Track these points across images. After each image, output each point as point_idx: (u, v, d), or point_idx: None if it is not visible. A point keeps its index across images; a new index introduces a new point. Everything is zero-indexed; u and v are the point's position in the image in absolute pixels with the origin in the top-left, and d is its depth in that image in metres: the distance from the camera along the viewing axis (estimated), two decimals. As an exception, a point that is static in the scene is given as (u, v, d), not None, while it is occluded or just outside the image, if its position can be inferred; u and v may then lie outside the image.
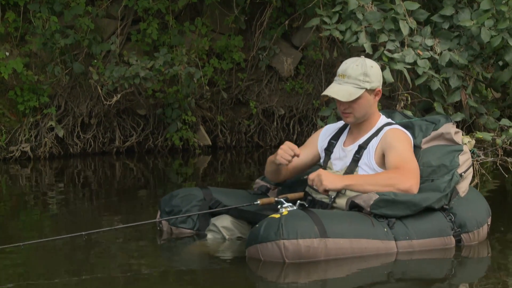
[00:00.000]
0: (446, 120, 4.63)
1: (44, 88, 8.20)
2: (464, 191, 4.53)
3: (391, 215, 4.28)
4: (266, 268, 4.11)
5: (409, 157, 4.38)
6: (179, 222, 4.69)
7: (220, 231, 4.62)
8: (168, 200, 4.73)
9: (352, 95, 4.42)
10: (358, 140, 4.53)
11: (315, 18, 5.81)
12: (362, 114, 4.48)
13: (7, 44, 8.29)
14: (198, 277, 4.12)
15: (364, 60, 4.50)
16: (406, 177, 4.30)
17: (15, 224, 5.55)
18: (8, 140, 8.27)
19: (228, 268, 4.26)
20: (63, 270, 4.20)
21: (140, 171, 8.08)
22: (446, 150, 4.51)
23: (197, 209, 4.65)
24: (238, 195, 4.76)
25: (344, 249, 4.15)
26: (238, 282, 4.04)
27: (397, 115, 4.73)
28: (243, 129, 9.17)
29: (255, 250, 4.12)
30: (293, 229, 4.04)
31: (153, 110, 8.72)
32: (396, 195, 4.28)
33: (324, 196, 4.45)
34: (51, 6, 8.07)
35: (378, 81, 4.48)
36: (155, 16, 8.59)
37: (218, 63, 8.86)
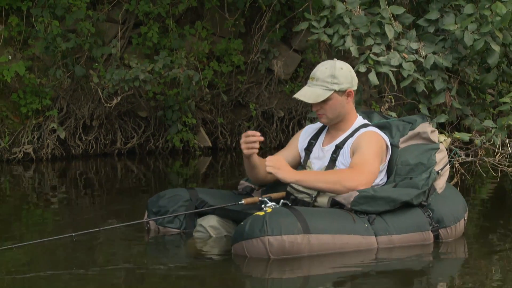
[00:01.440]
0: (423, 120, 4.76)
1: (46, 91, 8.36)
2: (441, 187, 4.66)
3: (371, 211, 4.41)
4: (252, 265, 4.22)
5: (370, 159, 4.50)
6: (166, 222, 4.80)
7: (207, 231, 4.74)
8: (155, 200, 4.84)
9: (319, 96, 4.55)
10: (335, 140, 4.67)
11: (303, 22, 5.93)
12: (334, 114, 4.61)
13: (10, 48, 8.44)
14: (185, 274, 4.21)
15: (334, 63, 4.63)
16: (355, 176, 4.43)
17: (17, 224, 5.65)
18: (11, 142, 8.41)
19: (214, 265, 4.36)
20: (50, 270, 4.30)
21: (141, 172, 8.19)
22: (423, 149, 4.63)
23: (183, 209, 4.76)
24: (223, 195, 4.87)
25: (327, 244, 4.27)
26: (224, 278, 4.14)
27: (375, 116, 4.86)
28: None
29: (240, 247, 4.25)
30: (277, 226, 4.16)
31: (154, 112, 8.87)
32: (375, 191, 4.42)
33: (305, 196, 4.58)
34: (53, 10, 8.20)
35: (348, 83, 4.60)
36: (156, 20, 8.73)
37: (218, 66, 9.00)
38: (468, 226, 4.95)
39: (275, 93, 9.18)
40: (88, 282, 4.03)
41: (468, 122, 5.82)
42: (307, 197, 4.57)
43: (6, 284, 4.01)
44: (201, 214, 4.82)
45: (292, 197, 4.63)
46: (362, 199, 4.39)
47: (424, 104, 5.64)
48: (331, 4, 5.79)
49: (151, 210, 4.83)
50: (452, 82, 5.78)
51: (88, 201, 6.62)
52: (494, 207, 6.02)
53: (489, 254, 4.65)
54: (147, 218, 4.84)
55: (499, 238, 4.98)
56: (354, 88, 4.63)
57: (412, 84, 5.61)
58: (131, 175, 8.03)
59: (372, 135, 4.60)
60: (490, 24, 5.50)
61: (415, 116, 4.81)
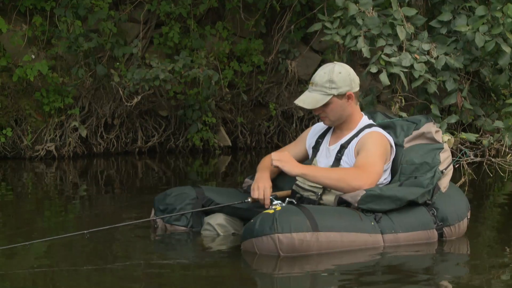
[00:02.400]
0: (427, 120, 4.80)
1: (68, 90, 8.50)
2: (445, 187, 4.71)
3: (378, 209, 4.47)
4: (260, 262, 4.27)
5: (374, 160, 4.56)
6: (173, 220, 4.86)
7: (215, 229, 4.82)
8: (162, 198, 4.89)
9: (318, 102, 4.62)
10: (340, 139, 4.73)
11: (317, 23, 5.99)
12: (336, 117, 4.68)
13: (34, 47, 8.59)
14: (193, 272, 4.25)
15: (333, 67, 4.68)
16: (360, 175, 4.49)
17: (39, 219, 5.73)
18: (34, 140, 8.57)
19: (222, 262, 4.41)
20: (61, 265, 4.41)
21: (161, 170, 8.27)
22: (427, 149, 4.68)
23: (190, 207, 4.81)
24: (229, 194, 4.91)
25: (335, 242, 4.34)
26: (232, 276, 4.18)
27: (378, 115, 4.91)
28: (263, 130, 9.38)
29: (250, 244, 4.31)
30: (287, 223, 4.22)
31: (174, 112, 8.98)
32: (382, 190, 4.48)
33: (311, 194, 4.65)
34: (75, 10, 8.33)
35: (347, 86, 4.65)
36: (177, 20, 8.84)
37: (238, 66, 9.09)
38: (473, 225, 5.00)
39: (295, 93, 9.24)
40: (94, 280, 4.08)
41: (480, 122, 5.85)
42: (312, 195, 4.64)
43: (27, 277, 4.12)
44: (207, 212, 4.89)
45: (298, 195, 4.69)
46: (369, 198, 4.45)
47: (435, 105, 5.68)
48: (344, 6, 5.84)
49: (158, 208, 4.89)
50: (463, 83, 5.81)
51: (108, 199, 6.70)
52: (499, 207, 6.05)
53: (493, 253, 4.71)
54: (154, 216, 4.91)
55: (503, 237, 5.03)
56: (354, 90, 4.68)
57: (423, 84, 5.65)
58: (151, 174, 8.10)
59: (377, 135, 4.65)
60: (501, 25, 5.53)
61: (419, 116, 4.85)
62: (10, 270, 4.18)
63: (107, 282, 4.04)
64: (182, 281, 4.09)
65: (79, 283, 4.00)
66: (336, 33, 5.83)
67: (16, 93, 8.55)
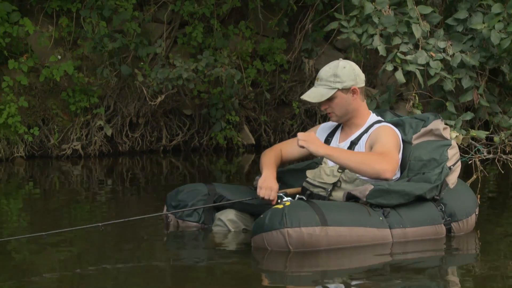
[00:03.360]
0: (435, 117, 4.85)
1: (94, 90, 8.64)
2: (453, 183, 4.75)
3: (386, 204, 4.52)
4: (270, 258, 4.32)
5: (391, 149, 4.61)
6: (185, 216, 4.94)
7: (226, 225, 4.89)
8: (174, 195, 4.98)
9: (323, 96, 4.69)
10: (350, 136, 4.79)
11: (334, 22, 6.06)
12: (342, 112, 4.73)
13: (60, 48, 8.74)
14: (203, 267, 4.33)
15: (338, 62, 4.77)
16: (383, 160, 4.52)
17: (66, 216, 5.84)
18: (60, 139, 8.73)
19: (232, 257, 4.47)
20: (78, 259, 4.53)
21: (186, 169, 8.37)
22: (435, 145, 4.72)
23: (202, 203, 4.89)
24: (240, 190, 4.99)
25: (344, 236, 4.39)
26: (242, 271, 4.24)
27: (387, 114, 4.96)
28: (286, 128, 9.46)
29: (260, 238, 4.37)
30: (296, 218, 4.28)
31: (198, 110, 9.09)
32: (390, 185, 4.53)
33: (321, 190, 4.71)
34: (100, 11, 8.46)
35: (351, 80, 4.71)
36: (201, 20, 8.95)
37: (261, 64, 9.17)
38: (482, 220, 5.04)
39: (318, 92, 9.28)
40: (102, 276, 4.17)
41: (497, 119, 5.87)
42: (322, 191, 4.71)
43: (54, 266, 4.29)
44: (219, 209, 4.97)
45: (308, 192, 4.76)
46: (377, 192, 4.50)
47: (451, 102, 5.72)
48: (360, 4, 5.90)
49: (170, 204, 4.97)
50: (480, 80, 5.84)
51: (133, 197, 6.79)
52: (509, 203, 6.07)
53: (502, 248, 4.73)
54: (166, 211, 4.99)
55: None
56: (359, 85, 4.74)
57: (439, 82, 5.69)
58: (176, 172, 8.21)
59: (388, 128, 4.72)
60: (517, 23, 5.56)
61: (428, 114, 4.90)
62: (35, 268, 4.30)
63: (118, 277, 4.14)
64: (190, 277, 4.15)
65: (94, 279, 4.10)
66: (352, 32, 5.88)
67: (43, 93, 8.71)
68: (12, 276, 4.09)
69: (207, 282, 4.06)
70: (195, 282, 4.06)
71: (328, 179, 4.70)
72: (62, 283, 4.00)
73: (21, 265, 4.33)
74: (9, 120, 8.32)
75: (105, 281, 4.02)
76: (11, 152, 8.49)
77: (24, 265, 4.34)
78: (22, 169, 8.19)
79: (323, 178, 4.72)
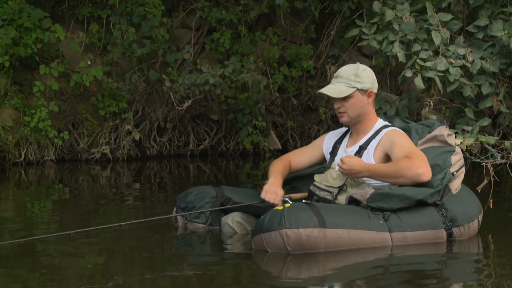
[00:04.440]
0: (440, 123, 4.91)
1: (123, 95, 8.79)
2: (456, 188, 4.80)
3: (386, 207, 4.57)
4: (270, 260, 4.41)
5: (414, 149, 4.68)
6: (193, 218, 5.05)
7: (232, 227, 4.99)
8: (183, 197, 5.09)
9: (343, 92, 4.77)
10: (358, 141, 4.86)
11: (354, 28, 6.12)
12: (355, 113, 4.80)
13: (91, 53, 8.90)
14: (206, 268, 4.42)
15: (358, 65, 4.87)
16: (415, 164, 4.58)
17: (95, 217, 5.96)
18: (90, 143, 8.89)
19: (235, 259, 4.57)
20: (91, 256, 4.68)
21: (212, 173, 8.47)
22: (439, 151, 4.78)
23: (209, 205, 5.00)
24: (248, 193, 5.09)
25: (342, 239, 4.45)
26: (243, 272, 4.35)
27: (396, 121, 5.02)
28: (313, 134, 9.52)
29: (259, 239, 4.47)
30: (295, 219, 4.36)
31: (225, 115, 9.20)
32: (391, 189, 4.59)
33: (327, 193, 4.79)
34: (130, 18, 8.60)
35: (370, 83, 4.81)
36: (228, 26, 9.06)
37: (288, 70, 9.26)
38: (486, 226, 5.05)
39: (344, 97, 9.33)
40: (109, 272, 4.34)
41: (517, 125, 5.90)
42: (328, 195, 4.78)
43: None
44: (226, 211, 5.06)
45: (315, 197, 4.84)
46: (378, 196, 4.57)
47: (470, 108, 5.76)
48: (381, 11, 5.96)
49: (179, 206, 5.09)
50: (500, 87, 5.86)
51: (160, 200, 6.89)
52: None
53: (504, 254, 4.75)
54: (175, 213, 5.10)
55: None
56: (375, 90, 4.83)
57: (459, 88, 5.73)
58: (203, 176, 8.31)
59: (399, 132, 4.80)
60: (536, 30, 5.58)
61: (434, 120, 4.98)
62: (67, 265, 4.45)
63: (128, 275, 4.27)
64: (192, 277, 4.24)
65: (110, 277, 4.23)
66: (373, 38, 5.94)
67: (73, 98, 8.87)
68: (41, 275, 4.22)
69: (204, 283, 4.14)
70: (193, 282, 4.15)
71: (335, 182, 4.77)
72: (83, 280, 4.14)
73: (48, 265, 4.46)
74: (40, 124, 8.48)
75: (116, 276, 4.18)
76: (41, 156, 8.65)
77: (51, 264, 4.48)
78: (52, 172, 8.35)
79: (329, 181, 4.79)
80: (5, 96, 8.51)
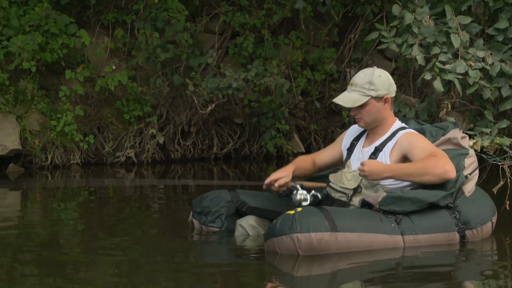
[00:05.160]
0: (454, 126, 4.93)
1: (147, 99, 8.89)
2: (470, 191, 4.82)
3: (399, 211, 4.61)
4: (282, 262, 4.47)
5: (434, 148, 4.70)
6: (209, 222, 5.10)
7: (246, 230, 5.04)
8: (199, 201, 5.16)
9: (356, 101, 4.79)
10: (374, 142, 4.89)
11: (374, 32, 6.16)
12: (371, 119, 4.83)
13: (116, 58, 9.01)
14: (220, 269, 4.50)
15: (373, 70, 4.86)
16: (441, 162, 4.60)
17: (120, 220, 6.03)
18: (115, 146, 8.99)
19: (249, 261, 4.63)
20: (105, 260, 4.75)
21: (236, 176, 8.52)
22: (453, 154, 4.79)
23: (225, 210, 5.06)
24: (263, 197, 5.14)
25: (354, 242, 4.50)
26: (257, 274, 4.43)
27: (411, 123, 5.05)
28: (336, 137, 9.46)
29: (272, 243, 4.53)
30: (306, 224, 4.43)
31: (249, 119, 9.27)
32: (403, 192, 4.63)
33: (341, 195, 4.83)
34: (154, 23, 8.69)
35: (385, 89, 4.81)
36: (252, 30, 9.13)
37: (311, 74, 9.31)
38: (500, 227, 5.05)
39: (367, 101, 9.35)
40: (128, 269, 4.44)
41: (537, 128, 5.89)
42: (343, 196, 4.82)
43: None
44: (241, 215, 5.10)
45: (325, 191, 4.87)
46: (390, 199, 4.60)
47: (489, 111, 5.77)
48: (400, 15, 5.99)
49: (195, 210, 5.15)
50: (520, 90, 5.86)
51: (185, 203, 6.94)
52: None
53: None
54: (191, 217, 5.17)
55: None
56: (391, 95, 4.84)
57: (478, 91, 5.74)
58: (227, 179, 8.34)
59: (415, 133, 4.83)
60: (555, 32, 5.58)
61: (448, 122, 4.99)
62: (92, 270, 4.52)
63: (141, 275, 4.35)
64: (206, 279, 4.32)
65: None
66: (392, 42, 5.98)
67: (98, 102, 8.98)
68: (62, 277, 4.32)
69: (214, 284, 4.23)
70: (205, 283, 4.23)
71: (349, 184, 4.81)
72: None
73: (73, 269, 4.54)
74: (66, 128, 8.60)
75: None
76: (67, 159, 8.77)
77: (76, 268, 4.55)
78: (78, 175, 8.46)
79: (344, 183, 4.83)
80: (32, 100, 8.64)
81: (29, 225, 5.81)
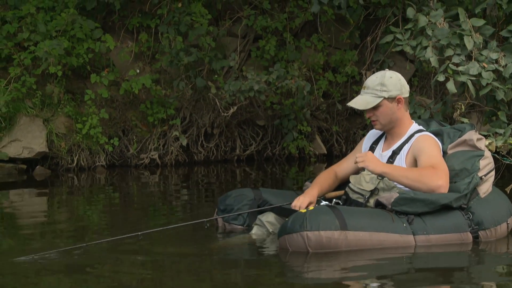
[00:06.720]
0: (471, 128, 4.99)
1: (170, 102, 9.02)
2: (485, 192, 4.87)
3: (410, 211, 4.68)
4: (294, 259, 4.58)
5: (439, 159, 4.78)
6: (231, 219, 5.26)
7: (265, 225, 5.15)
8: (223, 199, 5.31)
9: (369, 103, 4.90)
10: (392, 146, 4.98)
11: (389, 34, 6.24)
12: (386, 120, 4.93)
13: (140, 62, 9.16)
14: (239, 265, 4.64)
15: (384, 72, 4.97)
16: (437, 175, 4.69)
17: (144, 223, 6.09)
18: (139, 149, 9.14)
19: (263, 257, 4.77)
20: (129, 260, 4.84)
21: (259, 177, 8.63)
22: (468, 155, 4.87)
23: (247, 207, 5.20)
24: (285, 195, 5.25)
25: (364, 241, 4.59)
26: (271, 269, 4.56)
27: (433, 123, 5.12)
28: (358, 138, 9.63)
29: (283, 240, 4.65)
30: (316, 222, 4.54)
31: (271, 121, 9.37)
32: (415, 194, 4.70)
33: (359, 196, 4.92)
34: (177, 27, 8.83)
35: (397, 90, 4.91)
36: (274, 33, 9.23)
37: (333, 76, 9.39)
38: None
39: (389, 102, 9.41)
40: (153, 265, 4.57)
41: (551, 129, 5.91)
42: (360, 198, 4.91)
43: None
44: (262, 212, 5.22)
45: (344, 196, 4.98)
46: (402, 200, 4.68)
47: (503, 112, 5.83)
48: (415, 18, 6.07)
49: (220, 208, 5.30)
50: (533, 91, 5.91)
51: (208, 204, 7.05)
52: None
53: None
54: (216, 215, 5.31)
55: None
56: (404, 95, 4.93)
57: (492, 92, 5.80)
58: (249, 180, 8.45)
59: (430, 138, 4.90)
60: None
61: (465, 124, 5.05)
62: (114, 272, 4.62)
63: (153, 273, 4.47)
64: (221, 271, 4.46)
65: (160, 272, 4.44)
66: (406, 44, 6.06)
67: (123, 105, 9.14)
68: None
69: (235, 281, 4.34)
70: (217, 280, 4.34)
71: (367, 186, 4.89)
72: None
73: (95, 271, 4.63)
74: (91, 131, 8.76)
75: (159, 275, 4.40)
76: (93, 161, 8.92)
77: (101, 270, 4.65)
78: (103, 177, 8.61)
79: (362, 185, 4.91)
80: (58, 104, 8.82)
81: (56, 223, 5.97)
